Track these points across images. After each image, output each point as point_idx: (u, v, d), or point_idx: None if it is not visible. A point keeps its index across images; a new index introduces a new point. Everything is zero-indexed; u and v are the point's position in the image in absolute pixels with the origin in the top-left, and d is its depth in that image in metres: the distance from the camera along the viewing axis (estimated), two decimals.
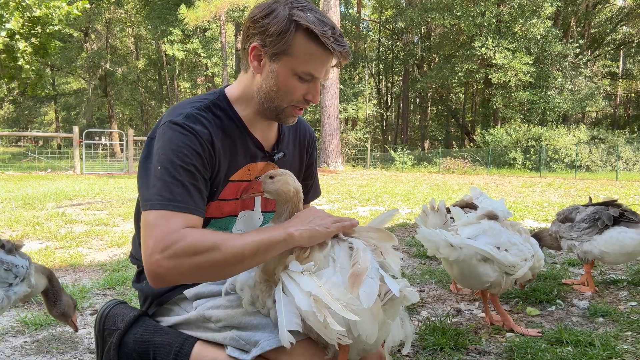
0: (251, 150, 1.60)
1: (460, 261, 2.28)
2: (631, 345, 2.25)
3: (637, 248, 2.91)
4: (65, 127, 43.53)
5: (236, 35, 35.50)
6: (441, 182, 15.23)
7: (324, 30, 1.39)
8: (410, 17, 31.35)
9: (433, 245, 2.31)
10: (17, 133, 24.34)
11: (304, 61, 1.43)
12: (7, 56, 18.36)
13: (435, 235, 2.28)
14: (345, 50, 1.44)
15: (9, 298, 1.80)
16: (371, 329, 1.21)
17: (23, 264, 1.88)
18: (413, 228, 5.86)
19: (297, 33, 1.41)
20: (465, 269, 2.32)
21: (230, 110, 1.56)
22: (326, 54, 1.43)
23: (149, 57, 43.22)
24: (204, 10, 19.42)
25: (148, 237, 1.25)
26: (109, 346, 1.54)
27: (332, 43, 1.40)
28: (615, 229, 2.96)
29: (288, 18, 1.40)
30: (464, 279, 2.41)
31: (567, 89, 28.72)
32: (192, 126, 1.42)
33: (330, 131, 21.33)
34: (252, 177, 1.62)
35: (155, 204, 1.30)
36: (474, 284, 2.41)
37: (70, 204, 7.76)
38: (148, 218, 1.29)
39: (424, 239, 2.31)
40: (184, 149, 1.38)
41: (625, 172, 21.09)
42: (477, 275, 2.31)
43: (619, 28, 36.06)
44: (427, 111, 43.76)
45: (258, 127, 1.61)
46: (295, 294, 1.26)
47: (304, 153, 1.83)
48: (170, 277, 1.23)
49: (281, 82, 1.47)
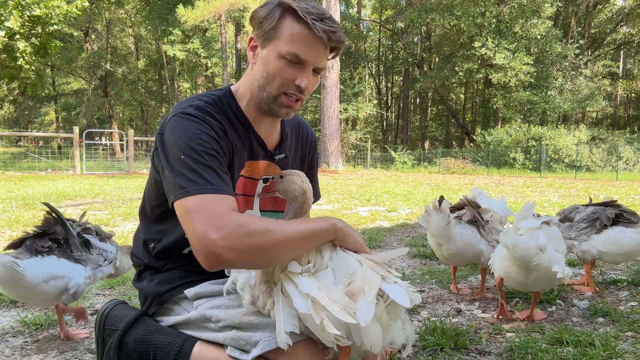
0: (254, 148, 1.60)
1: (544, 266, 2.37)
2: (631, 346, 2.25)
3: (636, 248, 2.92)
4: (66, 127, 43.55)
5: (236, 35, 35.48)
6: (441, 182, 15.23)
7: (306, 8, 1.39)
8: (410, 17, 31.35)
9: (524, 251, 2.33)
10: (17, 133, 24.30)
11: (288, 41, 1.41)
12: (7, 56, 18.37)
13: (528, 241, 2.34)
14: (331, 29, 1.41)
15: (94, 276, 2.23)
16: (374, 332, 1.21)
17: (112, 250, 2.35)
18: (413, 228, 5.86)
19: (284, 16, 1.42)
20: (542, 272, 2.40)
21: (236, 107, 1.57)
22: (312, 35, 1.40)
23: (149, 57, 43.24)
24: (202, 10, 19.43)
25: (195, 222, 1.21)
26: (109, 346, 1.54)
27: (314, 20, 1.39)
28: (613, 229, 2.97)
29: (276, 4, 1.43)
30: (537, 281, 2.45)
31: (568, 89, 28.72)
32: (204, 116, 1.44)
33: (331, 131, 21.34)
34: (253, 174, 1.62)
35: (191, 190, 1.27)
36: (540, 285, 2.50)
37: (70, 204, 7.76)
38: (187, 205, 1.25)
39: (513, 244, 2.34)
40: (202, 136, 1.38)
41: (625, 172, 21.08)
42: (552, 279, 2.43)
43: (619, 28, 36.06)
44: (427, 111, 43.77)
45: (262, 125, 1.61)
46: (293, 296, 1.25)
47: (306, 155, 1.83)
48: (228, 257, 1.19)
49: (269, 66, 1.45)
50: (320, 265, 1.33)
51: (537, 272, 2.41)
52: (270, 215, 1.72)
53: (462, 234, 2.87)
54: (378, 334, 1.22)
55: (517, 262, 2.42)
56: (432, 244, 2.98)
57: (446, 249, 2.88)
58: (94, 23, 38.84)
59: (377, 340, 1.22)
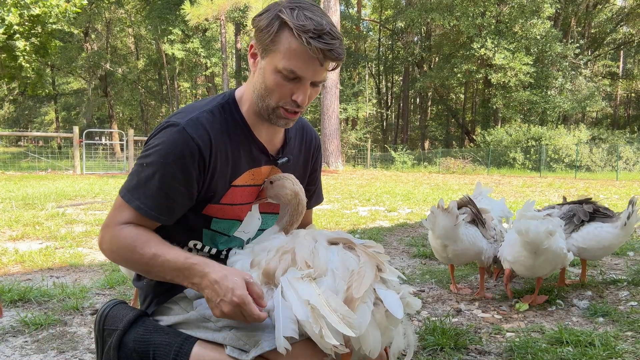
0: (254, 155, 1.59)
1: (552, 249, 2.61)
2: (631, 345, 2.25)
3: (614, 242, 3.01)
4: (66, 127, 43.54)
5: (236, 35, 35.48)
6: (441, 182, 15.23)
7: (302, 24, 1.34)
8: (410, 17, 31.35)
9: (535, 236, 2.56)
10: (17, 133, 24.30)
11: (285, 57, 1.39)
12: (7, 56, 18.37)
13: (540, 226, 2.56)
14: (328, 47, 1.36)
15: None
16: (373, 338, 1.21)
17: None
18: (413, 228, 5.86)
19: (283, 29, 1.38)
20: (550, 255, 2.64)
21: (237, 113, 1.56)
22: (309, 53, 1.36)
23: (149, 57, 43.23)
24: (206, 9, 19.40)
25: (109, 216, 1.48)
26: (108, 346, 1.54)
27: (310, 38, 1.34)
28: (591, 225, 3.06)
29: (275, 14, 1.39)
30: (544, 264, 2.68)
31: (567, 89, 28.72)
32: (191, 133, 1.44)
33: (331, 131, 21.34)
34: (257, 181, 1.62)
35: (124, 191, 1.47)
36: (546, 269, 2.73)
37: (70, 204, 7.76)
38: (116, 201, 1.49)
39: (526, 229, 2.56)
40: (170, 157, 1.43)
41: (625, 172, 21.08)
42: (556, 262, 2.70)
43: (619, 28, 36.05)
44: (427, 111, 43.76)
45: (263, 130, 1.60)
46: (292, 301, 1.25)
47: (309, 158, 1.82)
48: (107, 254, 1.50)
49: (267, 79, 1.44)
50: (322, 270, 1.32)
51: (545, 255, 2.63)
52: (270, 217, 1.73)
53: (467, 233, 2.89)
54: (377, 339, 1.22)
55: (528, 246, 2.63)
56: (436, 245, 2.97)
57: (452, 250, 2.89)
58: (94, 23, 38.83)
59: (375, 345, 1.22)
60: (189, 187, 1.47)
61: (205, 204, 1.55)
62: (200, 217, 1.57)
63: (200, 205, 1.55)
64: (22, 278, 3.42)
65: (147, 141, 1.51)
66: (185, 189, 1.46)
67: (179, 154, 1.42)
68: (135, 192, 1.44)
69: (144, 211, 1.43)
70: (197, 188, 1.49)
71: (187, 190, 1.47)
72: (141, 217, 1.44)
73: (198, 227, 1.59)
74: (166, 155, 1.42)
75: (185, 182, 1.45)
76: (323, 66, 1.41)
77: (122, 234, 1.42)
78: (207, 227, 1.60)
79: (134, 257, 1.42)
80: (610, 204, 8.14)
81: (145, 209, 1.43)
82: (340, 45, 1.40)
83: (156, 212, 1.44)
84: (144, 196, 1.43)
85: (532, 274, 2.80)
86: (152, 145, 1.46)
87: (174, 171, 1.42)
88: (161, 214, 1.45)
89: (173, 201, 1.46)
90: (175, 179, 1.43)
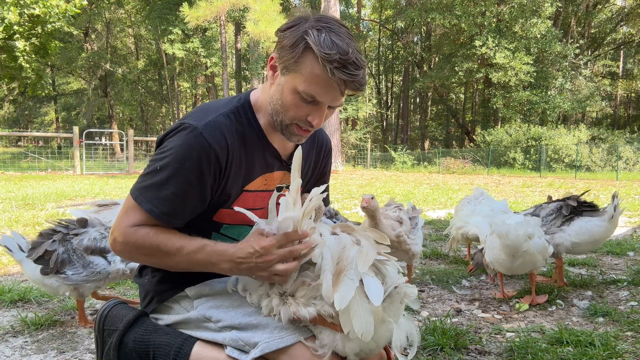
0: (268, 161, 1.58)
1: (530, 252, 2.70)
2: (631, 345, 2.25)
3: (603, 235, 3.14)
4: (66, 127, 43.54)
5: (236, 35, 35.45)
6: (441, 182, 15.24)
7: (327, 54, 1.32)
8: (410, 17, 31.31)
9: (515, 239, 2.65)
10: (17, 133, 24.24)
11: (306, 81, 1.38)
12: (7, 56, 18.38)
13: (519, 229, 2.64)
14: (351, 78, 1.35)
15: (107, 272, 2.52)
16: (364, 320, 1.22)
17: None
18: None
19: (307, 52, 1.36)
20: (527, 258, 2.73)
21: (253, 118, 1.55)
22: (332, 82, 1.35)
23: (149, 57, 43.20)
24: (205, 10, 19.40)
25: (119, 217, 1.45)
26: (108, 346, 1.54)
27: (334, 69, 1.33)
28: (581, 219, 3.16)
29: (301, 35, 1.36)
30: (522, 265, 2.78)
31: (567, 89, 28.71)
32: (208, 138, 1.41)
33: (330, 131, 21.33)
34: (269, 187, 1.61)
35: (136, 193, 1.43)
36: (524, 269, 2.83)
37: (70, 204, 7.76)
38: (127, 202, 1.45)
39: (506, 232, 2.65)
40: (186, 162, 1.39)
41: (625, 172, 21.07)
42: (534, 263, 2.78)
43: (619, 28, 36.04)
44: (427, 111, 43.74)
45: (277, 135, 1.58)
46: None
47: (320, 162, 1.82)
48: (122, 256, 1.51)
49: (285, 97, 1.44)
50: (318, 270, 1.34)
51: (522, 258, 2.72)
52: None
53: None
54: (369, 323, 1.22)
55: (507, 249, 2.71)
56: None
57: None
58: (94, 23, 38.82)
59: (367, 328, 1.22)
60: (202, 193, 1.45)
61: (217, 208, 1.54)
62: (210, 223, 1.57)
63: (212, 210, 1.54)
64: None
65: (161, 141, 1.48)
66: (198, 194, 1.44)
67: (195, 160, 1.40)
68: (147, 195, 1.41)
69: (156, 214, 1.40)
70: (210, 193, 1.48)
71: (201, 195, 1.45)
72: (153, 219, 1.42)
73: (207, 231, 1.58)
74: (182, 160, 1.39)
75: (200, 188, 1.43)
76: (343, 95, 1.42)
77: (139, 234, 1.41)
78: (216, 231, 1.60)
79: (159, 254, 1.41)
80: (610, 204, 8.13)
81: (157, 212, 1.40)
82: (364, 75, 1.40)
83: (168, 216, 1.42)
84: (156, 199, 1.40)
85: (512, 273, 2.91)
86: (167, 148, 1.42)
87: (189, 176, 1.40)
88: (173, 217, 1.43)
89: (186, 206, 1.44)
90: (190, 184, 1.41)
